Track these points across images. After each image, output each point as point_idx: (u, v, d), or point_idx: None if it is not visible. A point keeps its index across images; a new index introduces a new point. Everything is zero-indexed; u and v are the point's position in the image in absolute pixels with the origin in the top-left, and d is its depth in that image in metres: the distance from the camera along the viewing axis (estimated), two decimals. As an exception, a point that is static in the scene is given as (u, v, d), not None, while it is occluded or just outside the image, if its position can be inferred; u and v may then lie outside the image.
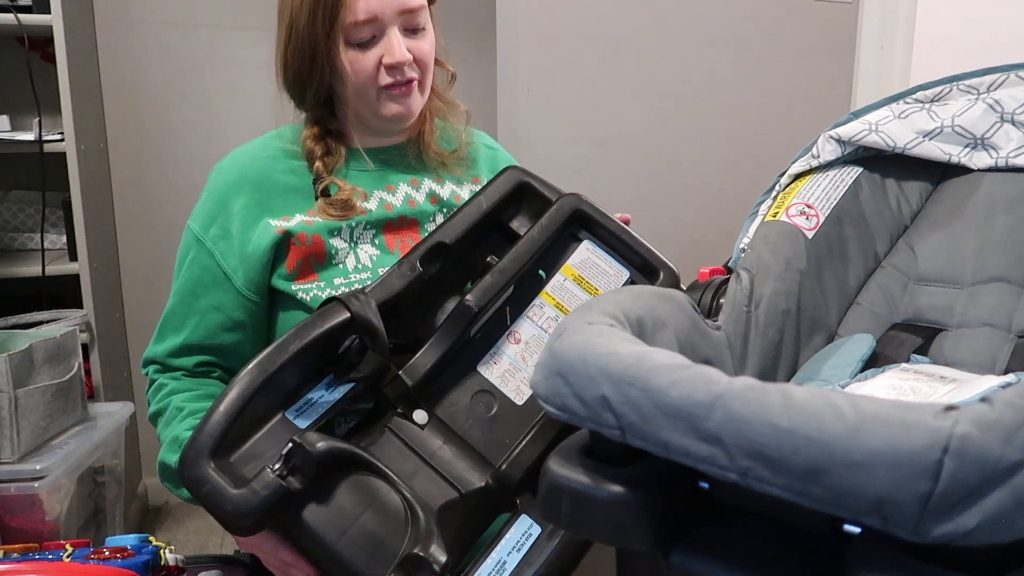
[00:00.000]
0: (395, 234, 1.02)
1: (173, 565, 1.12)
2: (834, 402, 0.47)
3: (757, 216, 1.06)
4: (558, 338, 0.62)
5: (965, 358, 0.92)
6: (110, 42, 2.22)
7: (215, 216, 1.00)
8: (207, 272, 1.00)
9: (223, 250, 0.99)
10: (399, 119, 1.00)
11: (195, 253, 1.01)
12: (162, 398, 1.00)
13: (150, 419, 1.02)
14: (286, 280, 0.98)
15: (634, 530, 0.58)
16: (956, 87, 1.05)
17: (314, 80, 0.97)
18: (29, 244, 2.15)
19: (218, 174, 1.03)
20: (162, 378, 1.02)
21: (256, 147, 1.04)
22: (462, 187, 1.08)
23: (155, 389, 1.03)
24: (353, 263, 0.99)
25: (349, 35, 0.93)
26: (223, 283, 0.99)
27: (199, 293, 1.00)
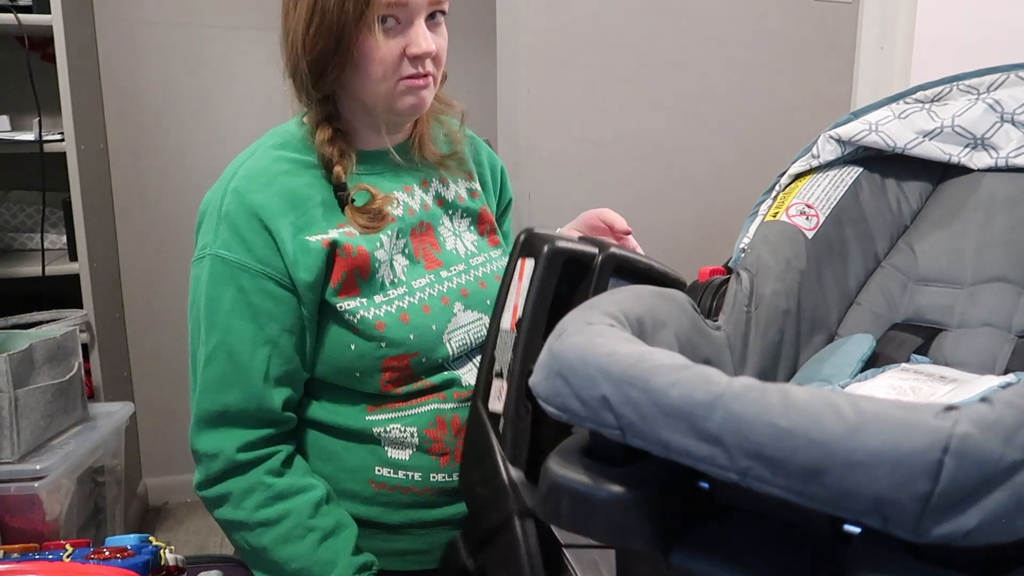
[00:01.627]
0: (418, 240, 0.99)
1: (173, 565, 1.12)
2: (834, 402, 0.47)
3: (757, 216, 1.06)
4: (558, 338, 0.62)
5: (965, 358, 0.92)
6: (110, 42, 2.22)
7: (255, 238, 0.90)
8: (268, 297, 0.89)
9: (279, 268, 0.90)
10: (413, 111, 0.96)
11: (242, 282, 0.89)
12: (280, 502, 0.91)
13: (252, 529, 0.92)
14: (332, 295, 0.92)
15: (634, 530, 0.58)
16: (956, 87, 1.05)
17: (336, 65, 0.90)
18: (29, 244, 2.15)
19: (240, 196, 0.91)
20: (259, 476, 0.91)
21: (268, 161, 0.95)
22: (459, 186, 1.07)
23: (256, 488, 0.91)
24: (389, 277, 0.95)
25: (379, 19, 0.88)
26: (289, 302, 0.90)
27: (262, 324, 0.89)
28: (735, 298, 0.93)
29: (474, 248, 1.05)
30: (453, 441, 0.96)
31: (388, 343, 0.92)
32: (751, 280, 0.95)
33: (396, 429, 0.94)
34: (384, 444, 0.95)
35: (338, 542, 0.92)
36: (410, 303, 0.95)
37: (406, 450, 0.95)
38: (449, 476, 0.96)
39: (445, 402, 0.96)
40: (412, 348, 0.93)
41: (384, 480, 0.95)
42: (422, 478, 0.95)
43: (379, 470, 0.95)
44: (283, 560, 0.90)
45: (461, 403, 0.96)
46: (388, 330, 0.92)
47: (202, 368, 0.90)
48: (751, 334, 0.92)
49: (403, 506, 0.97)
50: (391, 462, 0.95)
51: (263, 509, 0.90)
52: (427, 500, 0.97)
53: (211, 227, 0.92)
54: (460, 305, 0.99)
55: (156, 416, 2.40)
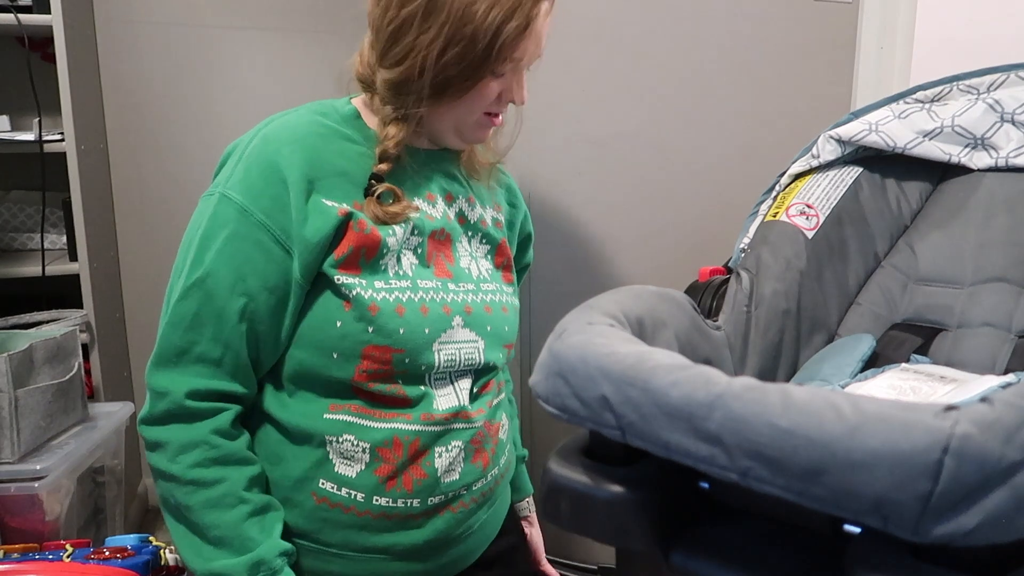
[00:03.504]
0: (434, 247, 0.98)
1: (173, 565, 1.12)
2: (834, 402, 0.47)
3: (757, 216, 1.06)
4: (558, 338, 0.62)
5: (965, 358, 0.92)
6: (110, 42, 2.22)
7: (266, 187, 0.88)
8: (259, 249, 0.87)
9: (282, 225, 0.87)
10: (477, 141, 0.99)
11: (237, 227, 0.87)
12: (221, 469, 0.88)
13: (179, 490, 0.88)
14: (332, 266, 0.89)
15: (634, 530, 0.58)
16: (956, 87, 1.05)
17: (456, 91, 0.90)
18: (29, 244, 2.15)
19: (266, 143, 0.90)
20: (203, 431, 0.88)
21: (305, 120, 0.93)
22: (486, 211, 1.05)
23: (199, 446, 0.87)
24: (395, 268, 0.93)
25: (502, 65, 0.90)
26: (280, 262, 0.88)
27: (245, 274, 0.87)
28: (735, 298, 0.93)
29: (487, 275, 1.03)
30: (404, 466, 0.92)
31: (376, 329, 0.89)
32: (751, 280, 0.95)
33: (349, 441, 0.91)
34: (333, 456, 0.92)
35: (265, 521, 0.89)
36: (410, 298, 0.93)
37: (354, 466, 0.92)
38: (392, 502, 0.92)
39: (410, 423, 0.92)
40: (399, 343, 0.90)
41: (326, 495, 0.92)
42: (364, 499, 0.92)
43: (323, 483, 0.92)
44: (205, 524, 0.87)
45: (426, 426, 0.93)
46: (380, 315, 0.89)
47: (175, 301, 0.88)
48: (751, 334, 0.92)
49: (342, 526, 0.93)
50: (336, 476, 0.92)
51: (199, 468, 0.87)
52: (366, 523, 0.93)
53: (230, 167, 0.91)
54: (460, 320, 0.96)
55: (156, 416, 2.40)
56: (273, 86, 2.36)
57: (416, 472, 0.93)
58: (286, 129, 0.91)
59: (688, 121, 1.78)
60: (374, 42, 0.92)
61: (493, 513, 1.05)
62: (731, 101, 1.77)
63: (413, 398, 0.93)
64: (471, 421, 0.96)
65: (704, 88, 1.77)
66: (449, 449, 0.94)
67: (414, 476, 0.93)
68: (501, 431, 1.03)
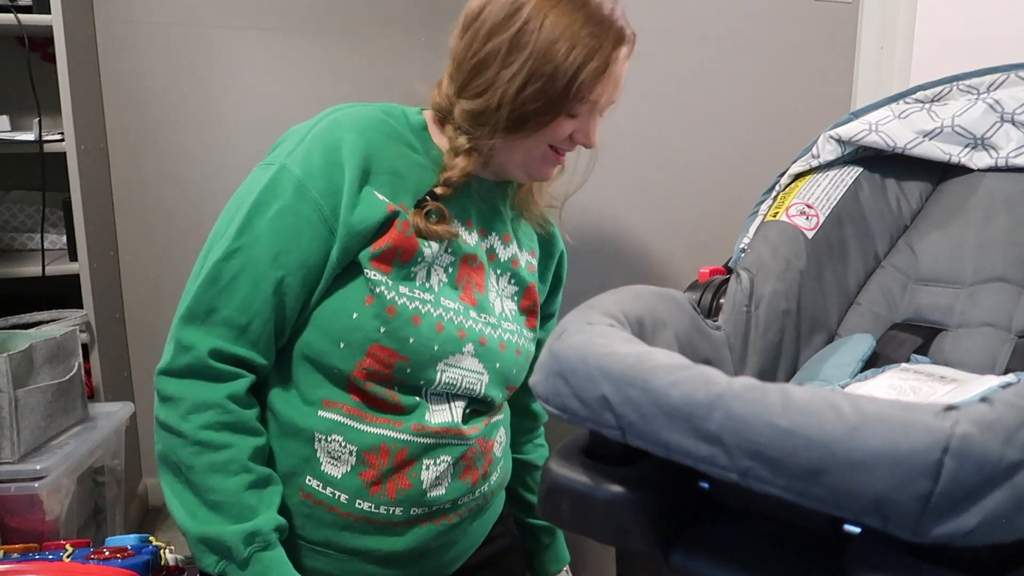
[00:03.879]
0: (465, 271, 0.98)
1: (173, 565, 1.12)
2: (834, 402, 0.47)
3: (757, 216, 1.06)
4: (558, 338, 0.62)
5: (965, 358, 0.92)
6: (110, 42, 2.22)
7: (325, 168, 0.89)
8: (308, 226, 0.88)
9: (333, 207, 0.88)
10: (540, 178, 1.01)
11: (291, 201, 0.88)
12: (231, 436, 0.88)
13: (185, 448, 0.87)
14: (367, 257, 0.90)
15: (634, 530, 0.58)
16: (956, 87, 1.05)
17: (533, 126, 0.92)
18: (29, 244, 2.15)
19: (334, 127, 0.92)
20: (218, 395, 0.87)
21: (374, 116, 0.95)
22: (521, 252, 1.06)
23: (211, 409, 0.87)
24: (423, 279, 0.94)
25: (578, 106, 0.92)
26: (324, 242, 0.89)
27: (289, 248, 0.88)
28: (735, 298, 0.93)
29: (510, 315, 1.04)
30: (389, 473, 0.92)
31: (388, 331, 0.90)
32: (751, 280, 0.95)
33: (337, 441, 0.92)
34: (320, 454, 0.92)
35: (265, 494, 0.89)
36: (428, 312, 0.93)
37: (340, 467, 0.92)
38: (375, 507, 0.93)
39: (400, 431, 0.92)
40: (406, 351, 0.91)
41: (312, 492, 0.93)
42: (348, 500, 0.92)
43: (309, 480, 0.93)
44: (205, 487, 0.87)
45: (415, 437, 0.93)
46: (395, 319, 0.90)
47: (217, 259, 0.87)
48: (751, 334, 0.92)
49: (324, 524, 0.94)
50: (322, 475, 0.92)
51: (208, 431, 0.86)
52: (348, 524, 0.94)
53: (293, 143, 0.92)
54: (472, 348, 0.97)
55: (156, 416, 2.40)
56: (273, 86, 2.36)
57: (401, 481, 0.93)
58: (354, 119, 0.93)
59: (688, 121, 1.78)
60: (454, 73, 0.94)
61: (481, 522, 1.05)
62: (731, 101, 1.77)
63: (407, 406, 0.93)
64: (464, 438, 0.97)
65: (704, 88, 1.77)
66: (437, 463, 0.95)
67: (399, 485, 0.93)
68: (496, 447, 1.03)
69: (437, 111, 0.97)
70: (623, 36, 0.90)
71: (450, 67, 0.95)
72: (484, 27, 0.89)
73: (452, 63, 0.94)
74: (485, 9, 0.90)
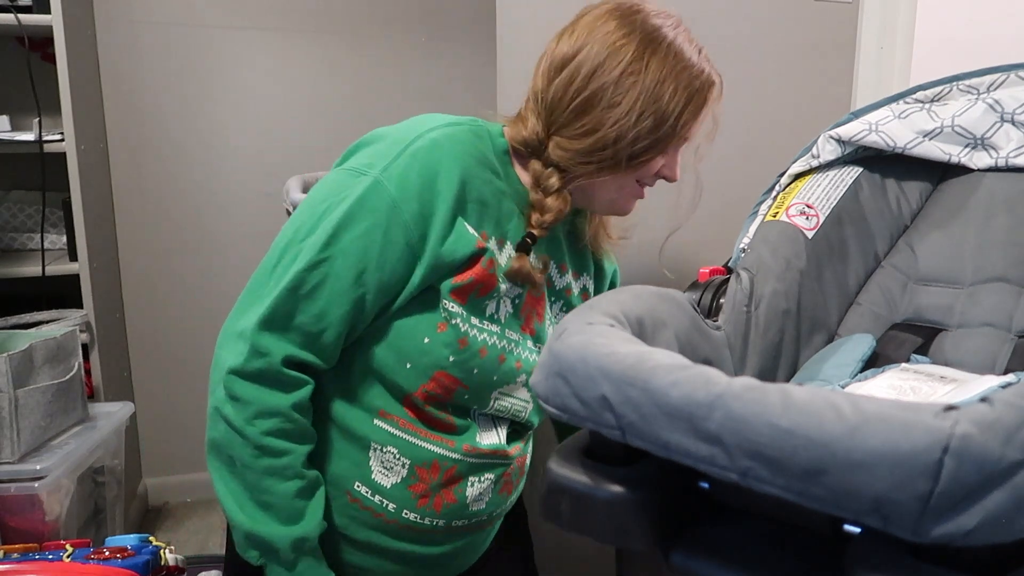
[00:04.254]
0: (529, 301, 0.99)
1: (173, 565, 1.12)
2: (834, 402, 0.47)
3: (757, 216, 1.06)
4: (558, 338, 0.62)
5: (965, 358, 0.92)
6: (110, 42, 2.22)
7: (420, 192, 0.88)
8: (394, 248, 0.87)
9: (422, 232, 0.88)
10: (622, 212, 1.03)
11: (382, 220, 0.86)
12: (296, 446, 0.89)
13: (251, 456, 0.88)
14: (447, 288, 0.91)
15: (634, 530, 0.58)
16: (956, 87, 1.05)
17: (642, 163, 0.94)
18: (29, 244, 2.15)
19: (434, 149, 0.90)
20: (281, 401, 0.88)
21: (469, 140, 0.94)
22: (577, 281, 1.07)
23: (279, 415, 0.87)
24: (492, 309, 0.95)
25: (677, 143, 0.95)
26: (407, 266, 0.88)
27: (373, 267, 0.87)
28: (735, 298, 0.93)
29: None
30: (438, 488, 0.95)
31: (456, 361, 0.92)
32: (751, 280, 0.95)
33: (391, 453, 0.94)
34: (373, 463, 0.94)
35: (313, 500, 0.91)
36: (494, 343, 0.95)
37: (391, 478, 0.94)
38: (420, 518, 0.95)
39: (452, 450, 0.95)
40: (468, 380, 0.93)
41: (360, 497, 0.95)
42: (395, 510, 0.95)
43: (358, 486, 0.94)
44: (260, 487, 0.88)
45: (466, 457, 0.96)
46: (465, 350, 0.92)
47: (301, 268, 0.86)
48: (751, 334, 0.92)
49: (368, 526, 0.96)
50: (372, 483, 0.94)
51: (271, 437, 0.87)
52: (391, 530, 0.96)
53: (388, 153, 0.89)
54: (524, 378, 0.99)
55: (156, 416, 2.40)
56: (273, 86, 2.36)
57: (447, 496, 0.96)
58: (452, 142, 0.92)
59: (688, 121, 1.78)
60: (543, 112, 0.95)
61: (500, 521, 1.09)
62: (731, 101, 1.77)
63: (459, 427, 0.96)
64: (508, 459, 1.00)
65: (704, 88, 1.76)
66: (481, 480, 0.98)
67: (445, 499, 0.96)
68: (527, 461, 1.07)
69: (522, 147, 0.97)
70: (713, 78, 0.95)
71: (535, 106, 0.95)
72: (584, 68, 0.91)
73: (540, 103, 0.95)
74: (582, 51, 0.92)
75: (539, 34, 1.70)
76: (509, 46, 1.64)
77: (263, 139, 2.38)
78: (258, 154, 2.38)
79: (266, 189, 2.35)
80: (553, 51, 0.94)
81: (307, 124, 2.40)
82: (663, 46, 0.91)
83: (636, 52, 0.90)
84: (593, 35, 0.92)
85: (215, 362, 0.89)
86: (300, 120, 2.39)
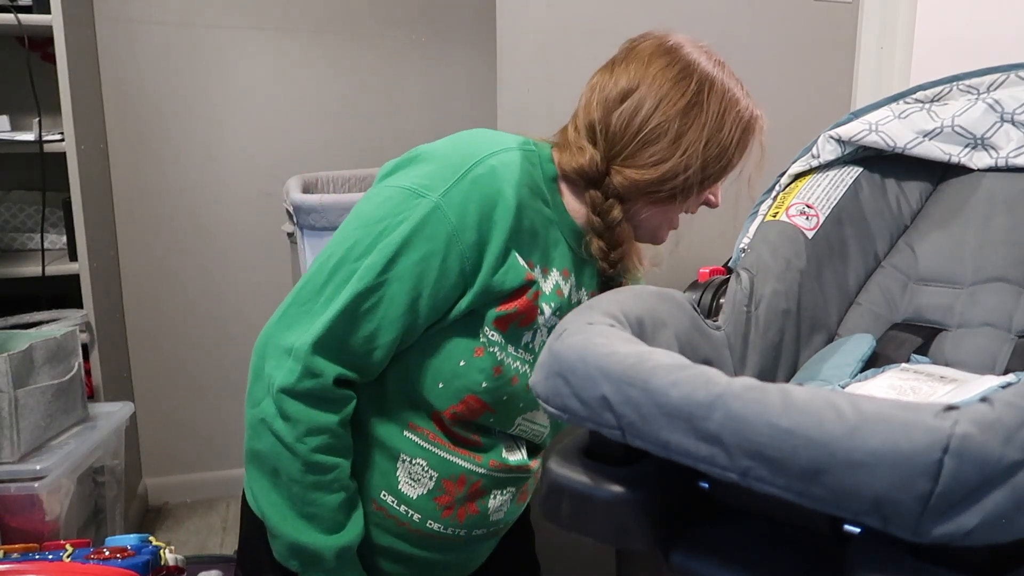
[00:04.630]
0: None
1: (173, 565, 1.12)
2: (834, 402, 0.47)
3: (757, 216, 1.06)
4: (558, 338, 0.62)
5: (965, 358, 0.92)
6: (110, 42, 2.22)
7: (479, 222, 0.88)
8: (449, 275, 0.88)
9: (476, 262, 0.88)
10: (658, 243, 1.05)
11: (440, 248, 0.87)
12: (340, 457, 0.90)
13: (303, 467, 0.88)
14: (491, 316, 0.91)
15: (634, 530, 0.58)
16: (956, 87, 1.05)
17: (697, 192, 0.98)
18: (29, 244, 2.15)
19: (493, 178, 0.90)
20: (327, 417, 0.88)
21: (524, 168, 0.93)
22: (579, 292, 1.07)
23: (328, 428, 0.88)
24: (528, 339, 0.96)
25: (729, 173, 0.99)
26: (457, 291, 0.89)
27: (427, 294, 0.87)
28: (735, 298, 0.93)
29: None
30: (462, 500, 0.97)
31: (489, 387, 0.93)
32: (751, 280, 0.95)
33: (420, 465, 0.95)
34: (401, 473, 0.95)
35: (355, 511, 0.93)
36: (524, 372, 0.96)
37: (417, 489, 0.96)
38: (444, 528, 0.97)
39: (479, 465, 0.97)
40: (496, 405, 0.95)
41: (385, 506, 0.96)
42: (420, 520, 0.96)
43: (384, 495, 0.96)
44: (306, 500, 0.89)
45: (492, 472, 0.97)
46: (499, 379, 0.93)
47: (358, 292, 0.86)
48: (751, 334, 0.92)
49: (390, 533, 0.97)
50: (399, 494, 0.96)
51: (320, 454, 0.88)
52: (415, 538, 0.98)
53: (445, 176, 0.88)
54: None
55: (156, 416, 2.40)
56: (273, 86, 2.36)
57: (471, 508, 0.98)
58: (511, 171, 0.92)
59: (688, 121, 1.78)
60: (600, 142, 0.95)
61: None
62: (731, 101, 1.77)
63: (484, 444, 0.98)
64: (530, 472, 1.03)
65: (704, 88, 1.76)
66: (503, 493, 1.01)
67: (468, 511, 0.98)
68: (540, 470, 1.09)
69: (577, 175, 0.97)
70: (756, 111, 0.99)
71: (592, 135, 0.96)
72: (648, 100, 0.93)
73: (600, 133, 0.95)
74: (642, 84, 0.93)
75: (539, 35, 1.70)
76: (509, 46, 1.64)
77: (263, 139, 2.38)
78: (258, 154, 2.38)
79: (266, 189, 2.35)
80: (607, 83, 0.96)
81: (307, 124, 2.40)
82: (718, 81, 0.95)
83: (696, 86, 0.93)
84: (650, 69, 0.94)
85: (257, 371, 0.89)
86: (300, 120, 2.39)
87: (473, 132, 0.97)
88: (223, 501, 2.47)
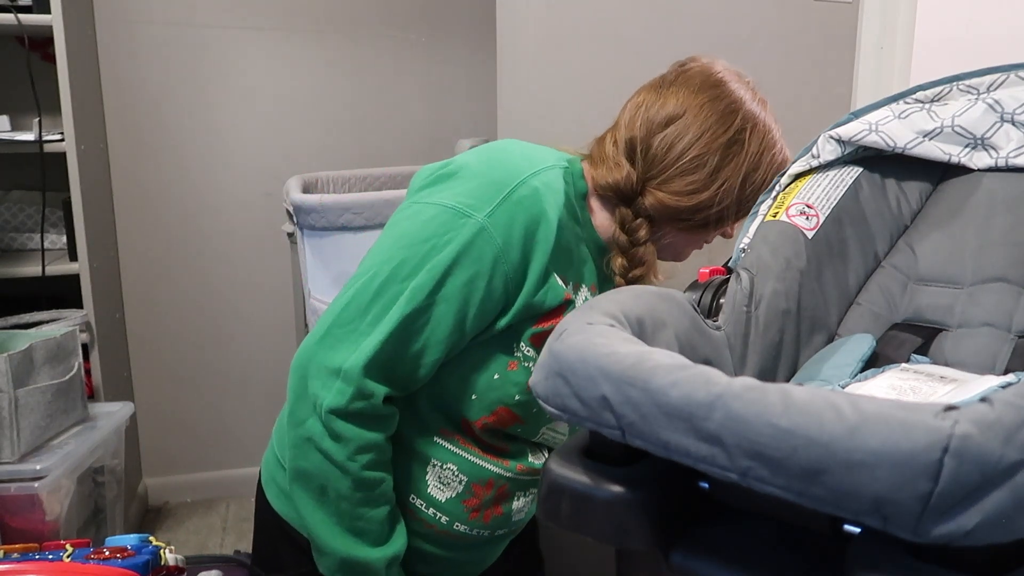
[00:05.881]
0: None
1: (173, 565, 1.12)
2: (834, 402, 0.47)
3: (757, 216, 1.06)
4: (558, 338, 0.62)
5: (965, 358, 0.92)
6: (110, 42, 2.22)
7: (523, 244, 0.89)
8: (493, 295, 0.88)
9: (518, 282, 0.89)
10: (678, 260, 1.08)
11: (487, 270, 0.87)
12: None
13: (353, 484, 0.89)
14: (528, 332, 0.93)
15: (634, 530, 0.58)
16: (956, 87, 1.05)
17: (732, 219, 1.02)
18: (29, 244, 2.15)
19: (537, 199, 0.90)
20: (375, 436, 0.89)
21: (563, 188, 0.94)
22: (577, 294, 1.08)
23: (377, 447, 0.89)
24: None
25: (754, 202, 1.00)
26: (498, 308, 0.90)
27: (472, 314, 0.88)
28: (735, 298, 0.93)
29: None
30: (489, 503, 0.99)
31: (521, 400, 0.94)
32: (751, 280, 0.95)
33: (451, 469, 0.96)
34: (431, 478, 0.96)
35: (399, 522, 0.94)
36: None
37: (446, 492, 0.97)
38: (470, 530, 0.99)
39: (507, 469, 0.98)
40: (526, 417, 0.96)
41: (414, 509, 0.97)
42: (447, 522, 0.98)
43: (413, 499, 0.97)
44: (354, 515, 0.89)
45: (519, 476, 0.99)
46: (531, 393, 0.94)
47: (407, 313, 0.86)
48: (751, 334, 0.92)
49: (417, 535, 0.99)
50: (428, 497, 0.97)
51: (370, 470, 0.88)
52: (442, 540, 1.00)
53: (489, 196, 0.88)
54: None
55: (156, 416, 2.40)
56: (273, 86, 2.36)
57: (496, 510, 1.00)
58: (553, 193, 0.92)
59: (688, 121, 1.78)
60: (638, 161, 0.97)
61: None
62: (731, 101, 1.77)
63: (512, 450, 1.00)
64: None
65: (704, 88, 1.76)
66: (527, 494, 1.03)
67: (494, 513, 1.00)
68: None
69: (610, 192, 0.98)
70: (787, 152, 1.04)
71: (631, 153, 0.97)
72: (693, 128, 0.95)
73: (640, 152, 0.97)
74: (688, 112, 0.96)
75: (539, 35, 1.71)
76: (509, 46, 1.64)
77: (263, 139, 2.38)
78: (258, 154, 2.38)
79: (266, 189, 2.35)
80: (653, 104, 0.98)
81: (307, 124, 2.40)
82: (760, 122, 0.98)
83: (740, 123, 0.96)
84: (698, 99, 0.96)
85: (298, 391, 0.88)
86: (300, 120, 2.39)
87: (507, 145, 0.97)
88: (223, 501, 2.47)
